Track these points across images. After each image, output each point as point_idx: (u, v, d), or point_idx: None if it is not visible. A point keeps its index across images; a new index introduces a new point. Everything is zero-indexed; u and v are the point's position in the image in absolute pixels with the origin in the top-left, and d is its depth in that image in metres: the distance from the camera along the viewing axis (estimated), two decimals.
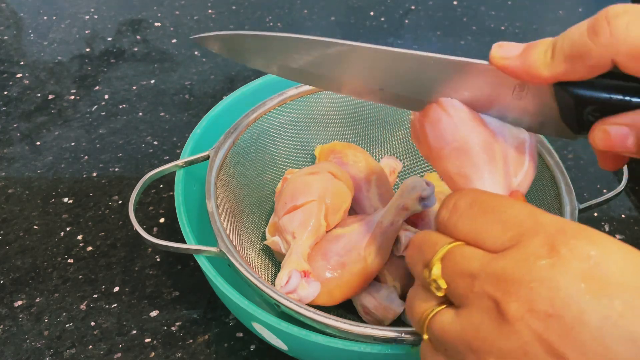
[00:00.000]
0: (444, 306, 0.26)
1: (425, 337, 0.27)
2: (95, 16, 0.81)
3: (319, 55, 0.30)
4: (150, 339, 0.44)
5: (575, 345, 0.21)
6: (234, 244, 0.39)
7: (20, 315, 0.46)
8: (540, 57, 0.27)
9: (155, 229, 0.53)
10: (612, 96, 0.27)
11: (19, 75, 0.71)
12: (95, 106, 0.66)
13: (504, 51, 0.28)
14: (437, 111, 0.31)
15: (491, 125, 0.31)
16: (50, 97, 0.67)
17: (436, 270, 0.26)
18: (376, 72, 0.30)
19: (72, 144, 0.61)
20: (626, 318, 0.21)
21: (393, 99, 0.32)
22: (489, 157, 0.30)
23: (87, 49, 0.75)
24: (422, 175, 0.53)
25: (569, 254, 0.22)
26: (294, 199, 0.43)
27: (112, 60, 0.73)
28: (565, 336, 0.21)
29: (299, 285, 0.39)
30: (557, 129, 0.30)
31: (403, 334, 0.34)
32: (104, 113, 0.65)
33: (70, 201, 0.55)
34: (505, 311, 0.22)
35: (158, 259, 0.50)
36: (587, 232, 0.23)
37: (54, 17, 0.81)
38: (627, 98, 0.26)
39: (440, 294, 0.26)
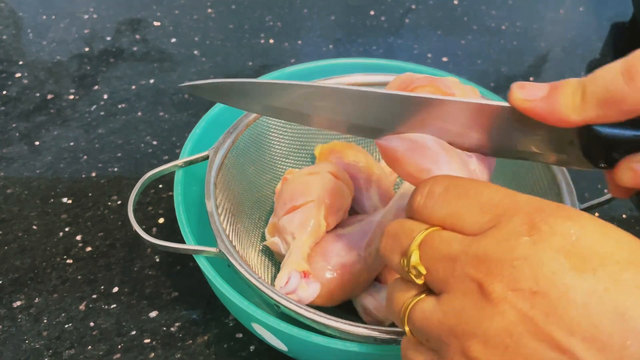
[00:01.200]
0: (424, 295, 0.25)
1: (407, 329, 0.26)
2: (95, 16, 0.81)
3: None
4: (149, 340, 0.44)
5: (562, 323, 0.21)
6: (234, 244, 0.39)
7: (19, 316, 0.46)
8: (568, 101, 0.26)
9: (154, 229, 0.52)
10: None
11: (18, 75, 0.71)
12: (95, 106, 0.66)
13: (527, 93, 0.27)
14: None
15: None
16: (49, 96, 0.67)
17: (415, 256, 0.25)
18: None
19: (71, 143, 0.61)
20: (612, 292, 0.20)
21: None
22: (442, 148, 0.30)
23: (86, 49, 0.75)
24: None
25: (549, 231, 0.22)
26: (293, 199, 0.43)
27: (112, 60, 0.73)
28: (552, 314, 0.21)
29: (299, 286, 0.38)
30: (574, 162, 0.29)
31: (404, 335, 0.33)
32: (103, 113, 0.65)
33: (70, 201, 0.55)
34: (489, 292, 0.22)
35: (157, 260, 0.50)
36: (565, 210, 0.23)
37: (53, 17, 0.81)
38: None
39: (420, 281, 0.25)
